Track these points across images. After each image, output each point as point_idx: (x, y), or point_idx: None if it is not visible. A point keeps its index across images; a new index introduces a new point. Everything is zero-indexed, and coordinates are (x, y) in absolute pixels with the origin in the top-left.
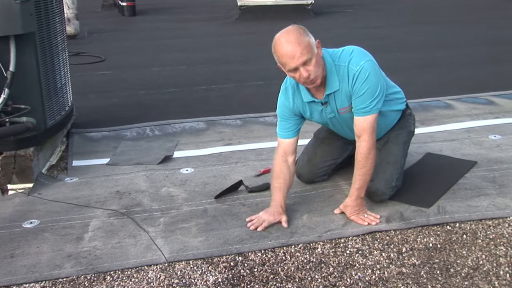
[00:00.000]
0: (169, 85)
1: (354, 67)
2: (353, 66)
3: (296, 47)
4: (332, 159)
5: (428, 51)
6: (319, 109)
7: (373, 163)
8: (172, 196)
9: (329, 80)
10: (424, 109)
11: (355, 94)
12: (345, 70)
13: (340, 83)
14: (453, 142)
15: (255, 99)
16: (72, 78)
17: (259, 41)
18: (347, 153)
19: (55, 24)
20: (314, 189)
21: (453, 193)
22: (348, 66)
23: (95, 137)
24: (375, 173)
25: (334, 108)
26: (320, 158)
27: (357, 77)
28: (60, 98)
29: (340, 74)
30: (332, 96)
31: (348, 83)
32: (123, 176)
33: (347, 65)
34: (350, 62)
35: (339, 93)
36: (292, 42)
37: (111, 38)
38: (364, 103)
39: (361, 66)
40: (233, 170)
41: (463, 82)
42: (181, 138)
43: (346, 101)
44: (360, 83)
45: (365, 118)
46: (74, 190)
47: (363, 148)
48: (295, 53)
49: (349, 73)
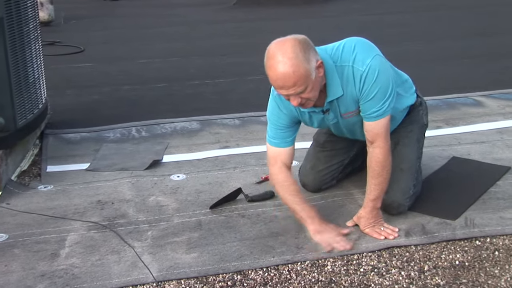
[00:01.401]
0: (158, 79)
1: (360, 67)
2: (359, 66)
3: (287, 77)
4: (338, 162)
5: (455, 40)
6: (320, 117)
7: (389, 170)
8: (161, 206)
9: (330, 87)
10: (449, 106)
11: (364, 98)
12: (349, 71)
13: (344, 87)
14: (483, 145)
15: (255, 96)
16: (46, 71)
17: (261, 30)
18: (353, 152)
19: (26, 9)
20: (323, 198)
21: (483, 203)
22: (353, 66)
23: (73, 139)
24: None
25: (338, 113)
26: (324, 163)
27: (365, 79)
28: (33, 94)
29: (344, 76)
30: (334, 103)
31: (355, 86)
32: (105, 184)
33: (352, 65)
34: (354, 62)
35: (343, 98)
36: (287, 69)
37: (91, 25)
38: (376, 106)
39: (368, 65)
40: (231, 176)
41: (495, 75)
42: (171, 140)
43: (352, 105)
44: (370, 85)
45: (377, 123)
46: (49, 200)
47: (378, 155)
48: (286, 84)
49: (355, 74)
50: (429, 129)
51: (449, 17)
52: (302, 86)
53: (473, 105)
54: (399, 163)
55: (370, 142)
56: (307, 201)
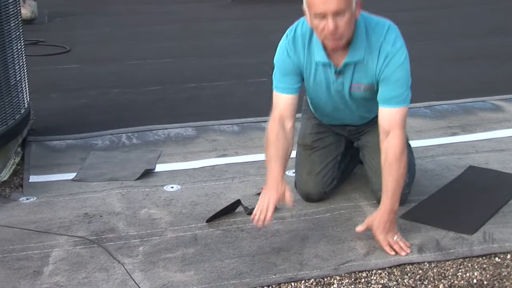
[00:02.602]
0: (150, 82)
1: (389, 47)
2: (388, 45)
3: None
4: (332, 159)
5: (470, 39)
6: (329, 78)
7: (406, 164)
8: (154, 220)
9: (353, 47)
10: (465, 111)
11: (386, 79)
12: (377, 44)
13: (366, 54)
14: (503, 153)
15: (256, 100)
16: (29, 73)
17: (261, 28)
18: (342, 147)
19: (6, 6)
20: (328, 211)
21: (503, 217)
22: (383, 42)
23: (58, 147)
24: (381, 178)
25: (348, 81)
26: (320, 163)
27: (392, 59)
28: (14, 98)
29: (370, 46)
30: (351, 67)
31: (378, 61)
32: (93, 195)
33: (382, 40)
34: (385, 38)
35: (360, 66)
36: None
37: (77, 23)
38: (399, 90)
39: (397, 48)
40: (229, 187)
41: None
42: (165, 148)
43: (364, 78)
44: (395, 67)
45: (398, 110)
46: (32, 213)
47: (396, 148)
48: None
49: (382, 49)
50: (444, 136)
51: (464, 14)
52: (344, 4)
53: (491, 110)
54: None
55: (386, 133)
56: (280, 156)
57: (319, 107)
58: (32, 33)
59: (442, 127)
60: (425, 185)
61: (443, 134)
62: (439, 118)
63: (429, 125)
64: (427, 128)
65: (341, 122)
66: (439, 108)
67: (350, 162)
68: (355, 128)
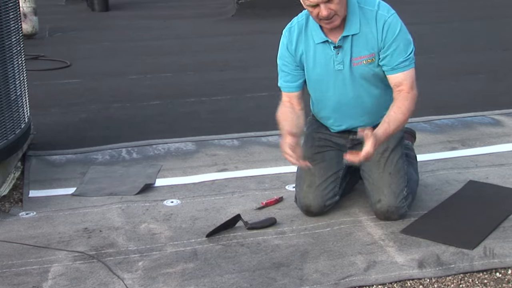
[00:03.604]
0: (150, 97)
1: (385, 13)
2: (384, 11)
3: None
4: (334, 173)
5: (470, 53)
6: (329, 56)
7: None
8: (154, 235)
9: (348, 22)
10: (465, 126)
11: (389, 47)
12: (372, 14)
13: (362, 26)
14: (503, 168)
15: (255, 114)
16: (29, 88)
17: (261, 43)
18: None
19: (8, 21)
20: (328, 226)
21: (504, 232)
22: (378, 11)
23: (57, 161)
24: (379, 191)
25: (348, 56)
26: (320, 176)
27: (389, 27)
28: (14, 113)
29: (365, 17)
30: (348, 40)
31: (377, 29)
32: (92, 210)
33: (376, 9)
34: (379, 8)
35: (358, 37)
36: None
37: (78, 38)
38: (404, 55)
39: (392, 14)
40: (229, 202)
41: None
42: (164, 163)
43: (365, 48)
44: (395, 35)
45: (407, 73)
46: (31, 228)
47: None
48: None
49: (378, 18)
50: (444, 151)
51: (462, 29)
52: None
53: (491, 124)
54: (386, 169)
55: (398, 93)
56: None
57: (323, 102)
58: (33, 48)
59: (442, 142)
60: (425, 199)
61: (443, 148)
62: (438, 133)
63: (429, 140)
64: (427, 142)
65: (344, 125)
66: (438, 123)
67: (351, 179)
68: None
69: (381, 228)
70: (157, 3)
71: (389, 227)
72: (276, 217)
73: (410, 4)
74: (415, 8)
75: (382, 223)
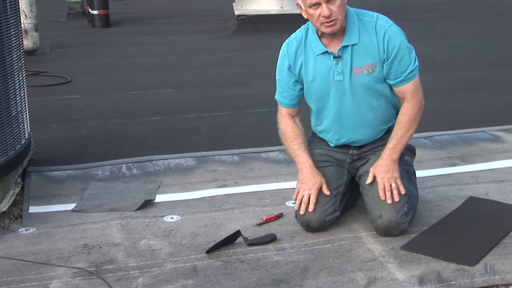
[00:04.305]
0: (150, 112)
1: (385, 23)
2: (383, 22)
3: None
4: (333, 189)
5: (471, 70)
6: (328, 66)
7: (415, 128)
8: (154, 251)
9: (348, 32)
10: (465, 142)
11: (394, 58)
12: (371, 25)
13: (362, 36)
14: (503, 184)
15: (256, 130)
16: (30, 104)
17: (261, 59)
18: (344, 178)
19: (9, 38)
20: (328, 242)
21: (504, 248)
22: (377, 21)
23: (57, 177)
24: (380, 206)
25: (348, 66)
26: (320, 192)
27: (391, 36)
28: (15, 128)
29: (365, 28)
30: (348, 50)
31: (377, 40)
32: (92, 226)
33: (375, 20)
34: (378, 19)
35: (358, 47)
36: None
37: (78, 54)
38: (408, 66)
39: (391, 24)
40: (229, 218)
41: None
42: (164, 179)
43: (366, 58)
44: (397, 43)
45: (413, 83)
46: (31, 244)
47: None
48: None
49: (377, 28)
50: (444, 167)
51: (462, 45)
52: None
53: (491, 140)
54: None
55: (402, 99)
56: (303, 146)
57: (322, 113)
58: (33, 63)
59: (442, 158)
60: (425, 216)
61: (443, 164)
62: (439, 149)
63: (429, 156)
64: (427, 158)
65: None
66: (438, 139)
67: (352, 196)
68: (358, 153)
69: (381, 244)
70: (157, 19)
71: (390, 243)
72: (276, 233)
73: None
74: (415, 25)
75: (382, 239)
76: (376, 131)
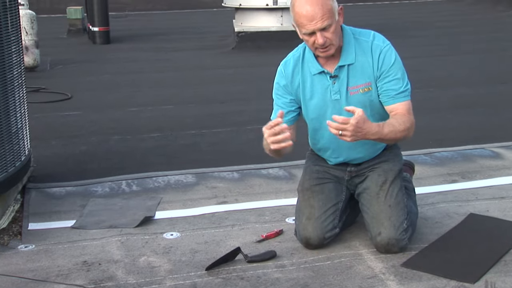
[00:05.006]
0: (150, 129)
1: (381, 43)
2: (379, 42)
3: (318, 9)
4: (332, 205)
5: (469, 86)
6: (325, 86)
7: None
8: (153, 268)
9: (344, 51)
10: (465, 159)
11: (387, 76)
12: (368, 44)
13: (358, 56)
14: (503, 201)
15: (256, 147)
16: (30, 120)
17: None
18: (343, 195)
19: (10, 55)
20: (329, 259)
21: (505, 265)
22: (373, 41)
23: (57, 194)
24: (379, 223)
25: (344, 85)
26: (319, 208)
27: (385, 56)
28: (15, 145)
29: (361, 47)
30: (344, 70)
31: (373, 58)
32: (91, 243)
33: (372, 40)
34: (374, 38)
35: (354, 67)
36: (315, 3)
37: (79, 70)
38: (401, 84)
39: (388, 44)
40: (229, 234)
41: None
42: (164, 195)
43: (361, 78)
44: (391, 63)
45: (405, 104)
46: (30, 261)
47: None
48: (315, 16)
49: (373, 48)
50: (444, 183)
51: (461, 62)
52: (328, 20)
53: (491, 157)
54: (387, 201)
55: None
56: None
57: (320, 132)
58: (34, 80)
59: (442, 174)
60: (425, 232)
61: (443, 181)
62: (438, 165)
63: (429, 172)
64: (427, 175)
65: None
66: (438, 155)
67: (351, 212)
68: (356, 170)
69: (381, 262)
70: (158, 35)
71: (390, 261)
72: (276, 250)
73: (409, 37)
74: (414, 42)
75: (382, 256)
76: (374, 149)
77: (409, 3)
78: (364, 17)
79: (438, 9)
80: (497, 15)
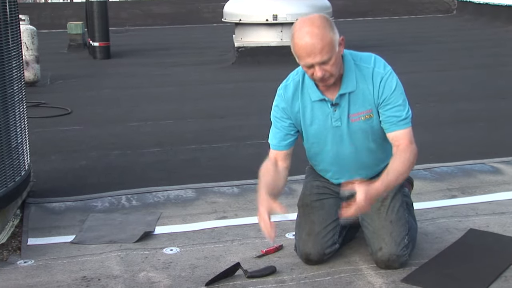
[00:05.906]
0: (150, 144)
1: (382, 70)
2: (380, 69)
3: (317, 43)
4: (332, 221)
5: (470, 102)
6: (326, 113)
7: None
8: (153, 283)
9: (345, 79)
10: (465, 174)
11: (388, 103)
12: (369, 71)
13: (359, 83)
14: (503, 216)
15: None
16: (30, 135)
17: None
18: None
19: (11, 70)
20: (329, 274)
21: (506, 281)
22: (374, 68)
23: (57, 209)
24: (380, 239)
25: (345, 112)
26: (319, 224)
27: (387, 82)
28: (15, 160)
29: (362, 74)
30: (345, 98)
31: (373, 85)
32: (91, 258)
33: (373, 67)
34: (375, 65)
35: (355, 95)
36: (314, 36)
37: (79, 85)
38: (402, 112)
39: (389, 70)
40: (229, 250)
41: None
42: (164, 210)
43: (362, 105)
44: (392, 89)
45: (406, 132)
46: (29, 276)
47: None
48: (314, 50)
49: (374, 75)
50: (444, 199)
51: (462, 77)
52: (328, 54)
53: (491, 172)
54: (387, 217)
55: (396, 146)
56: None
57: (320, 156)
58: (34, 95)
59: (441, 190)
60: (425, 248)
61: (442, 196)
62: (438, 181)
63: (429, 188)
64: (427, 190)
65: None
66: (438, 171)
67: (351, 228)
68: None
69: (381, 277)
70: (158, 50)
71: (390, 276)
72: (276, 265)
73: (409, 52)
74: (414, 57)
75: (382, 271)
76: (374, 170)
77: (409, 19)
78: (364, 32)
79: (437, 24)
80: (495, 30)
